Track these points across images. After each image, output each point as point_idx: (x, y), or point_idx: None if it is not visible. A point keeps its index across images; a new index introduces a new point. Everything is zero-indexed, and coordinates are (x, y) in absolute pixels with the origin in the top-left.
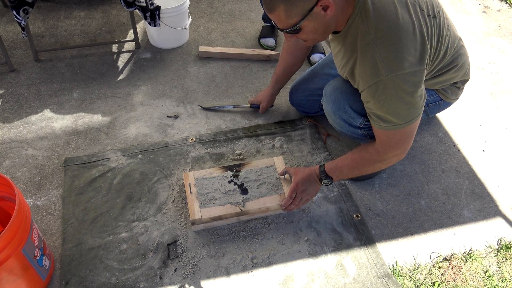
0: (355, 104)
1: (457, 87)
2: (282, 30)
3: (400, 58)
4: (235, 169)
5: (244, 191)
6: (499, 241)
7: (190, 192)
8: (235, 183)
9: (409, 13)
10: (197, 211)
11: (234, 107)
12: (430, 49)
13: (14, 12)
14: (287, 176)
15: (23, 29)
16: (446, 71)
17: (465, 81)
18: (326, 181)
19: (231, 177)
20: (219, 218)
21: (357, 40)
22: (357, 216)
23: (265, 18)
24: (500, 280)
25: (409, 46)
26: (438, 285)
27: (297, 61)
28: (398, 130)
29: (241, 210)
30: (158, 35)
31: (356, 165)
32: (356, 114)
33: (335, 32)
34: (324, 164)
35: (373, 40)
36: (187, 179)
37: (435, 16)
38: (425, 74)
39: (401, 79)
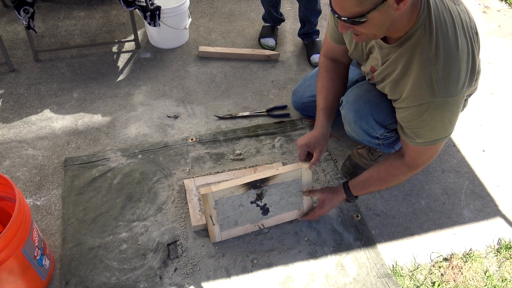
0: (378, 115)
1: (465, 99)
2: (343, 17)
3: (456, 81)
4: (258, 184)
5: (265, 211)
6: (499, 241)
7: (213, 224)
8: (258, 205)
9: (465, 34)
10: (217, 235)
11: (250, 113)
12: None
13: (16, 12)
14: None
15: (27, 28)
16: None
17: (472, 94)
18: (353, 201)
19: (254, 196)
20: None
21: (415, 53)
22: (357, 216)
23: (265, 18)
24: (500, 280)
25: (464, 68)
26: (438, 285)
27: (342, 84)
28: (433, 146)
29: (260, 229)
30: (158, 35)
31: (384, 183)
32: (378, 125)
33: (383, 39)
34: (347, 184)
35: (433, 58)
36: (206, 201)
37: (477, 33)
38: None
39: (453, 101)
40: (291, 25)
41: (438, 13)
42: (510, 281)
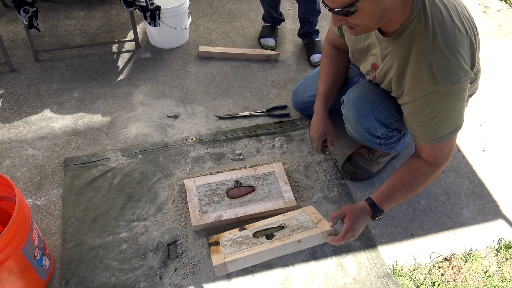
0: (380, 114)
1: (466, 100)
2: (332, 9)
3: (457, 68)
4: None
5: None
6: (499, 241)
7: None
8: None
9: (461, 22)
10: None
11: (250, 113)
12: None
13: (17, 11)
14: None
15: (29, 27)
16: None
17: (472, 95)
18: (380, 216)
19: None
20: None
21: (413, 44)
22: None
23: (265, 18)
24: (500, 280)
25: (464, 55)
26: (438, 285)
27: (343, 71)
28: (447, 140)
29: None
30: (158, 35)
31: (410, 188)
32: (379, 124)
33: (381, 33)
34: (370, 198)
35: (431, 48)
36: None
37: (476, 27)
38: None
39: (458, 88)
40: (291, 25)
41: (433, 3)
42: (510, 281)
